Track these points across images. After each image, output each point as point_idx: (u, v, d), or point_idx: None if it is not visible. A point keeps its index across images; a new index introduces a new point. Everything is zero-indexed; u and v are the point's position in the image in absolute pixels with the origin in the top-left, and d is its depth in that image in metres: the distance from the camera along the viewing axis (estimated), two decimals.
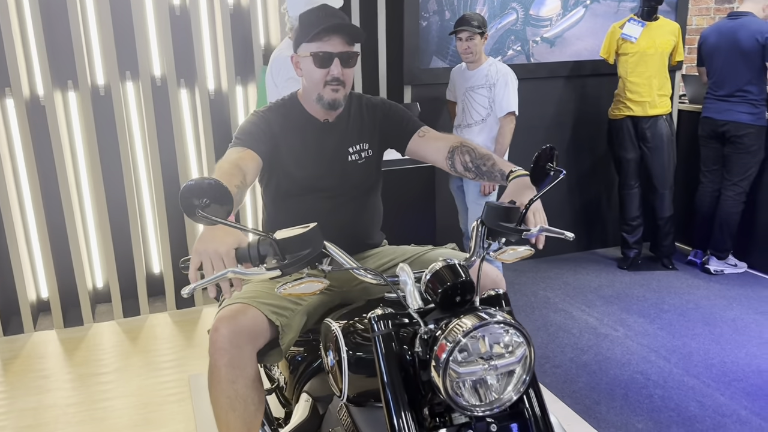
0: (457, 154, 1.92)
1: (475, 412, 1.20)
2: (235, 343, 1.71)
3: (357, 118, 2.03)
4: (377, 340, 1.29)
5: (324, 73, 1.85)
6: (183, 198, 1.36)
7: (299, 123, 1.97)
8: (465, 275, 1.28)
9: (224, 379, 1.71)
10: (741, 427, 2.61)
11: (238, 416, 1.74)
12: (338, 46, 1.83)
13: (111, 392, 2.98)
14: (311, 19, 1.84)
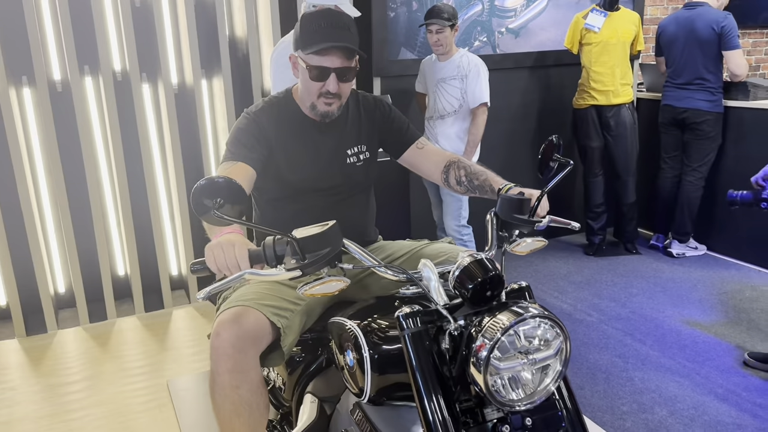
0: (453, 169, 1.95)
1: (515, 407, 1.19)
2: (238, 347, 1.65)
3: (355, 118, 1.99)
4: (407, 339, 1.26)
5: (319, 86, 1.79)
6: (195, 198, 1.31)
7: (295, 123, 1.91)
8: (494, 269, 1.26)
9: (228, 385, 1.66)
10: (719, 404, 2.70)
11: (244, 422, 1.69)
12: (336, 61, 1.75)
13: (84, 401, 2.85)
14: (313, 27, 1.74)
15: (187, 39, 3.52)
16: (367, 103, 2.03)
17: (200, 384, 2.94)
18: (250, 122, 1.87)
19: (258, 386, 1.70)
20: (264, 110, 1.90)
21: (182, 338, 3.44)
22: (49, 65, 3.44)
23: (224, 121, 3.68)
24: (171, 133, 3.57)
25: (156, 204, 3.67)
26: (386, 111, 2.03)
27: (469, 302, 1.26)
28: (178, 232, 3.84)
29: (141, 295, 3.71)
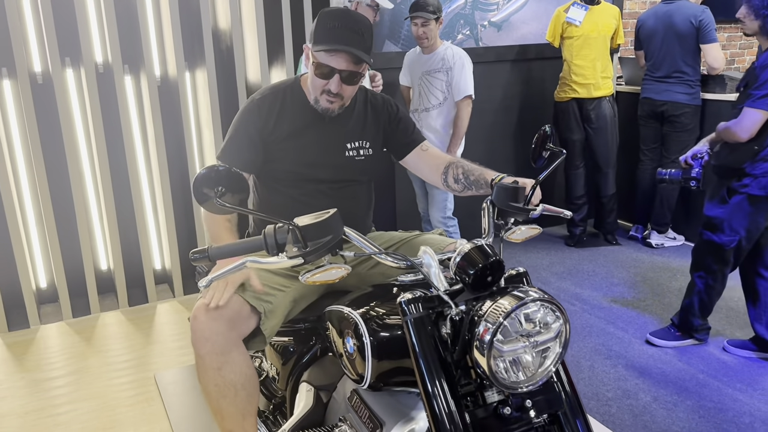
0: (451, 168, 1.98)
1: (517, 388, 1.21)
2: (215, 330, 1.68)
3: (361, 114, 2.01)
4: (410, 324, 1.28)
5: (323, 83, 1.82)
6: (196, 186, 1.33)
7: (298, 111, 1.94)
8: (495, 255, 1.28)
9: (209, 367, 1.70)
10: (701, 389, 2.77)
11: (230, 403, 1.73)
12: (342, 63, 1.77)
13: (71, 396, 2.83)
14: (328, 26, 1.77)
15: (170, 31, 3.49)
16: (375, 102, 2.06)
17: (188, 377, 2.93)
18: (246, 113, 1.91)
19: (241, 367, 1.73)
20: (267, 98, 1.93)
21: (167, 332, 3.42)
22: (30, 57, 3.38)
23: (208, 113, 3.66)
24: (154, 125, 3.54)
25: (139, 198, 3.64)
26: (393, 112, 2.06)
27: (470, 288, 1.28)
28: (162, 226, 3.81)
29: (125, 289, 3.68)
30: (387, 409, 1.52)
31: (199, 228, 3.80)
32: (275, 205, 1.97)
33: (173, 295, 3.84)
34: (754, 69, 2.74)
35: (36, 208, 3.51)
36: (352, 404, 1.63)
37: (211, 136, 3.68)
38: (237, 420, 1.73)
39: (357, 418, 1.59)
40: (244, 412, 1.73)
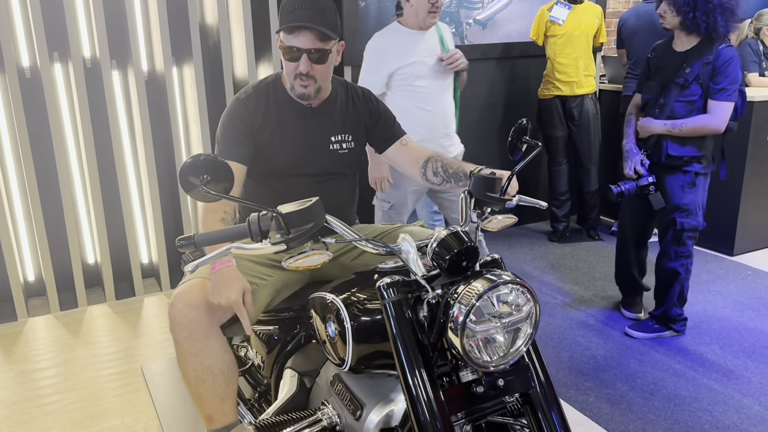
0: (430, 163, 2.02)
1: (490, 367, 1.27)
2: (191, 317, 1.74)
3: (343, 108, 2.04)
4: (388, 307, 1.33)
5: (293, 66, 1.85)
6: (182, 175, 1.37)
7: (282, 107, 1.97)
8: (469, 241, 1.34)
9: (186, 352, 1.75)
10: (677, 379, 2.84)
11: (208, 387, 1.78)
12: (307, 42, 1.80)
13: (59, 386, 2.86)
14: (289, 8, 1.80)
15: (158, 26, 3.52)
16: (356, 95, 2.09)
17: (174, 368, 2.97)
18: (236, 111, 1.94)
19: (218, 352, 1.78)
20: (251, 97, 1.96)
21: (154, 325, 3.45)
22: (18, 52, 3.40)
23: (195, 108, 3.69)
24: (142, 120, 3.57)
25: (126, 192, 3.67)
26: (373, 105, 2.09)
27: (446, 272, 1.34)
28: (149, 220, 3.85)
29: (112, 282, 3.71)
30: (367, 392, 1.57)
31: (186, 222, 3.83)
32: (262, 197, 2.01)
33: (160, 288, 3.87)
34: (709, 65, 2.86)
35: (24, 202, 3.53)
36: (335, 388, 1.68)
37: (199, 132, 3.71)
38: (216, 404, 1.77)
39: (339, 402, 1.64)
40: (223, 396, 1.78)
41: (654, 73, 3.06)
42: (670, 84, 2.95)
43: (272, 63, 3.75)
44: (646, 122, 3.03)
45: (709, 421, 2.55)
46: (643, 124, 3.05)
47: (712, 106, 2.88)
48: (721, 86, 2.86)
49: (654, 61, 3.09)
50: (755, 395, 2.71)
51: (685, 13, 2.82)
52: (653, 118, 3.01)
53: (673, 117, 2.95)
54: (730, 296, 3.66)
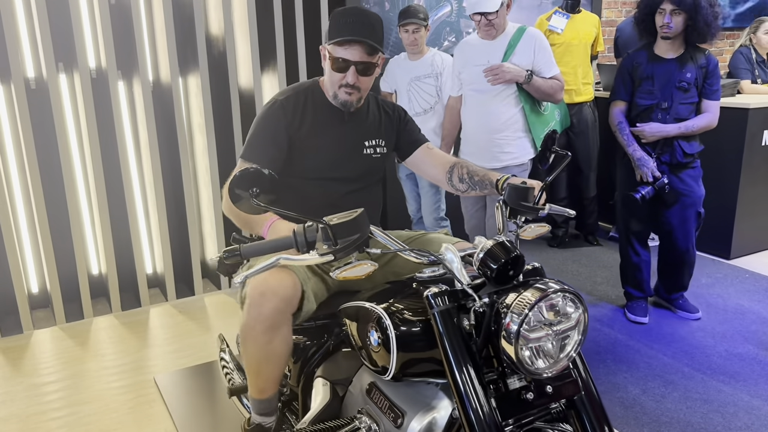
0: (456, 168, 2.10)
1: (543, 374, 1.30)
2: (279, 309, 1.77)
3: (375, 115, 2.12)
4: (437, 316, 1.36)
5: (340, 77, 1.92)
6: (232, 188, 1.39)
7: (319, 111, 2.03)
8: (516, 250, 1.37)
9: (263, 339, 1.79)
10: (686, 382, 2.89)
11: (272, 367, 1.86)
12: (357, 55, 1.88)
13: (70, 399, 2.84)
14: (341, 22, 1.87)
15: (164, 36, 3.52)
16: (387, 105, 2.18)
17: (188, 379, 2.96)
18: (272, 112, 1.99)
19: (288, 340, 1.84)
20: (290, 98, 2.01)
21: (163, 335, 3.44)
22: (23, 62, 3.39)
23: (201, 117, 3.69)
24: (148, 130, 3.57)
25: (132, 202, 3.66)
26: (403, 114, 2.19)
27: (493, 281, 1.36)
28: (154, 231, 3.84)
29: (118, 293, 3.69)
30: (407, 400, 1.59)
31: (193, 231, 3.82)
32: (293, 201, 2.03)
33: (166, 299, 3.86)
34: (704, 68, 3.11)
35: (28, 213, 3.51)
36: (371, 396, 1.69)
37: (204, 141, 3.72)
38: (271, 380, 1.89)
39: (377, 409, 1.66)
40: (279, 373, 1.89)
41: (643, 81, 3.17)
42: (672, 88, 3.11)
43: (277, 73, 3.77)
44: (657, 127, 3.16)
45: (720, 422, 2.60)
46: (654, 129, 3.17)
47: (710, 105, 3.14)
48: (715, 87, 3.13)
49: (640, 69, 3.20)
50: (764, 396, 2.77)
51: (696, 22, 2.98)
52: (660, 123, 3.15)
53: (679, 119, 3.13)
54: (731, 299, 3.73)
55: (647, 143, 3.20)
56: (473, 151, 3.32)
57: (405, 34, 3.55)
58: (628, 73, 3.24)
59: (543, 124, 3.27)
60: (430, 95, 3.60)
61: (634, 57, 3.24)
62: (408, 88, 3.67)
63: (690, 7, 2.97)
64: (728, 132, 4.23)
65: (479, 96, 3.22)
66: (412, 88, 3.65)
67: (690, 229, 3.34)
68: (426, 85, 3.60)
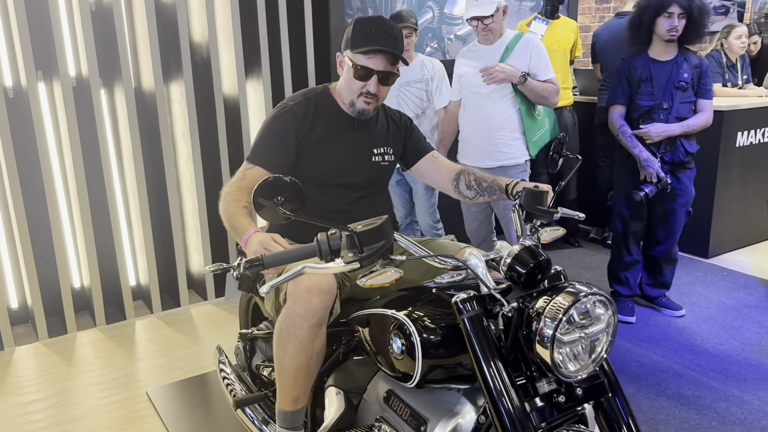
0: (463, 176, 2.12)
1: (577, 376, 1.31)
2: (325, 305, 1.76)
3: (384, 123, 2.13)
4: (467, 322, 1.36)
5: (361, 85, 1.92)
6: (256, 195, 1.38)
7: (330, 117, 2.03)
8: (543, 255, 1.38)
9: (307, 338, 1.77)
10: (678, 379, 2.95)
11: (309, 373, 1.83)
12: (380, 64, 1.89)
13: (61, 416, 2.76)
14: (366, 31, 1.88)
15: (147, 43, 3.46)
16: (393, 114, 2.19)
17: (182, 392, 2.91)
18: (281, 117, 1.97)
19: (324, 345, 1.83)
20: (301, 104, 2.00)
21: (151, 348, 3.37)
22: (1, 71, 3.29)
23: (184, 125, 3.64)
24: (132, 139, 3.50)
25: (115, 213, 3.58)
26: (409, 123, 2.20)
27: (522, 286, 1.37)
28: (137, 241, 3.76)
29: (102, 306, 3.61)
30: (429, 406, 1.59)
31: (177, 242, 3.76)
32: None
33: (151, 311, 3.78)
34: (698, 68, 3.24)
35: (7, 225, 3.40)
36: (390, 404, 1.69)
37: (188, 150, 3.66)
38: (305, 389, 1.85)
39: (397, 417, 1.65)
40: (311, 382, 1.86)
41: (643, 84, 3.22)
42: (671, 89, 3.21)
43: (261, 80, 3.74)
44: (662, 127, 3.24)
45: (715, 417, 2.65)
46: (659, 129, 3.25)
47: (705, 104, 3.27)
48: (708, 87, 3.27)
49: (637, 73, 3.27)
50: (753, 390, 2.84)
51: (696, 25, 3.11)
52: (663, 123, 3.24)
53: (680, 118, 3.24)
54: (713, 297, 3.82)
55: (651, 143, 3.28)
56: (470, 151, 3.36)
57: None
58: (626, 78, 3.31)
59: (536, 129, 3.33)
60: (421, 99, 3.60)
61: (629, 62, 3.31)
62: (397, 93, 3.65)
63: (695, 11, 3.09)
64: (704, 134, 4.31)
65: (477, 97, 3.29)
66: (401, 93, 3.64)
67: (678, 227, 3.43)
68: (416, 89, 3.60)
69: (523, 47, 3.22)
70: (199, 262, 3.89)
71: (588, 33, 5.40)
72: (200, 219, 3.74)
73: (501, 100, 3.24)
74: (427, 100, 3.60)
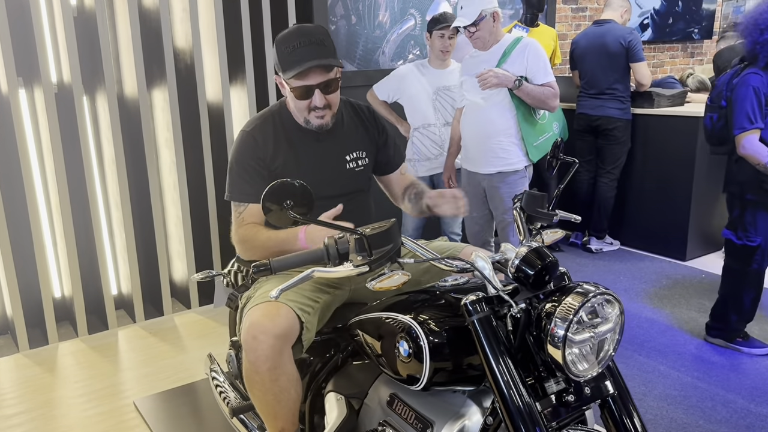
0: (408, 189, 2.17)
1: (587, 375, 1.33)
2: (276, 348, 1.73)
3: (351, 126, 2.07)
4: (477, 324, 1.37)
5: (306, 103, 1.88)
6: (265, 200, 1.37)
7: (291, 134, 1.98)
8: (550, 256, 1.40)
9: (267, 380, 1.75)
10: (664, 380, 3.00)
11: (284, 405, 1.81)
12: (317, 78, 1.83)
13: (45, 428, 2.70)
14: (288, 50, 1.81)
15: (130, 50, 3.43)
16: (363, 112, 2.13)
17: (170, 401, 2.87)
18: (245, 145, 1.94)
19: (294, 374, 1.80)
20: (258, 127, 1.96)
21: (136, 358, 3.32)
22: None
23: (168, 132, 3.60)
24: (115, 147, 3.45)
25: (98, 221, 3.53)
26: (381, 124, 2.16)
27: (530, 287, 1.39)
28: (119, 250, 3.71)
29: (84, 316, 3.54)
30: (434, 409, 1.59)
31: (160, 251, 3.71)
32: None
33: (134, 320, 3.72)
34: None
35: None
36: (393, 408, 1.69)
37: (172, 157, 3.63)
38: (289, 417, 1.83)
39: (401, 421, 1.65)
40: (294, 408, 1.83)
41: None
42: None
43: (246, 87, 3.72)
44: None
45: (702, 416, 2.70)
46: None
47: None
48: None
49: None
50: (736, 390, 2.90)
51: None
52: None
53: None
54: (693, 299, 3.90)
55: None
56: (470, 157, 3.37)
57: (439, 39, 3.48)
58: (763, 96, 2.88)
59: (538, 133, 3.30)
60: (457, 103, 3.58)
61: (762, 78, 2.88)
62: (434, 97, 3.59)
63: None
64: (680, 140, 4.44)
65: (474, 103, 3.29)
66: (439, 97, 3.59)
67: None
68: (456, 94, 3.55)
69: (521, 51, 3.20)
70: (183, 271, 3.84)
71: (565, 41, 5.48)
72: (183, 227, 3.70)
73: (497, 105, 3.23)
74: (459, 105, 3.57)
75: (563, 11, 5.50)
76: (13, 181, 3.36)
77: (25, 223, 3.37)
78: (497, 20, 3.17)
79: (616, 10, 4.54)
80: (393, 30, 4.19)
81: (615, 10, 4.54)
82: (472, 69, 3.28)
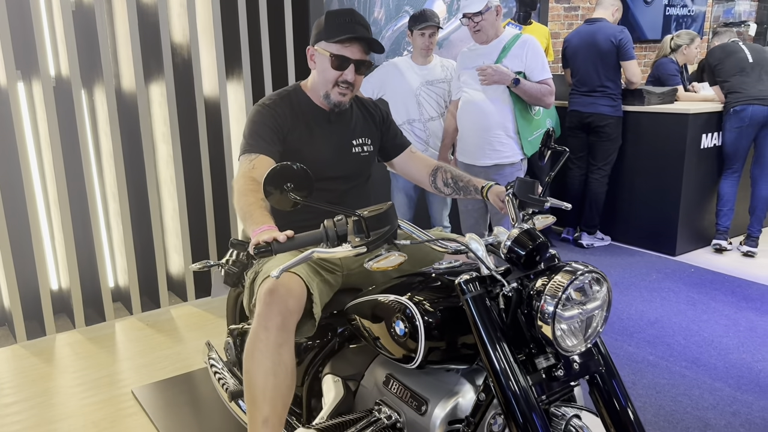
0: (440, 173, 2.19)
1: (576, 350, 1.38)
2: (290, 306, 1.76)
3: (359, 115, 2.17)
4: (470, 302, 1.42)
5: (338, 75, 1.97)
6: (266, 183, 1.42)
7: (306, 113, 2.06)
8: (541, 237, 1.45)
9: (273, 342, 1.74)
10: (653, 369, 3.06)
11: (279, 383, 1.77)
12: (356, 53, 1.95)
13: (45, 416, 2.73)
14: (338, 21, 1.93)
15: (128, 44, 3.46)
16: (367, 103, 2.23)
17: (168, 390, 2.91)
18: (266, 114, 2.00)
19: (292, 352, 1.79)
20: (276, 102, 2.03)
21: (133, 349, 3.36)
22: None
23: (165, 126, 3.64)
24: (112, 140, 3.48)
25: (95, 214, 3.56)
26: (384, 113, 2.24)
27: (522, 267, 1.44)
28: (116, 243, 3.74)
29: (81, 308, 3.57)
30: (429, 387, 1.64)
31: (157, 244, 3.75)
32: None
33: (130, 312, 3.76)
34: None
35: None
36: (389, 387, 1.74)
37: (168, 151, 3.66)
38: (277, 406, 1.76)
39: (397, 399, 1.70)
40: (285, 400, 1.78)
41: None
42: None
43: (242, 81, 3.77)
44: None
45: (689, 404, 2.77)
46: None
47: None
48: None
49: None
50: (723, 378, 2.97)
51: None
52: None
53: None
54: (681, 293, 3.97)
55: None
56: (467, 149, 3.43)
57: (421, 38, 3.52)
58: None
59: (533, 128, 3.38)
60: (444, 99, 3.63)
61: None
62: (418, 92, 3.63)
63: None
64: (670, 136, 4.51)
65: (473, 96, 3.35)
66: (423, 92, 3.62)
67: None
68: (439, 89, 3.61)
69: (520, 48, 3.28)
70: (179, 264, 3.88)
71: (557, 39, 5.55)
72: (180, 220, 3.74)
73: (496, 99, 3.30)
74: (448, 100, 3.63)
75: (556, 10, 5.56)
76: (11, 174, 3.39)
77: (23, 215, 3.41)
78: (499, 14, 3.26)
79: (607, 9, 4.61)
80: (388, 27, 4.25)
81: (606, 9, 4.61)
82: (471, 62, 3.35)
